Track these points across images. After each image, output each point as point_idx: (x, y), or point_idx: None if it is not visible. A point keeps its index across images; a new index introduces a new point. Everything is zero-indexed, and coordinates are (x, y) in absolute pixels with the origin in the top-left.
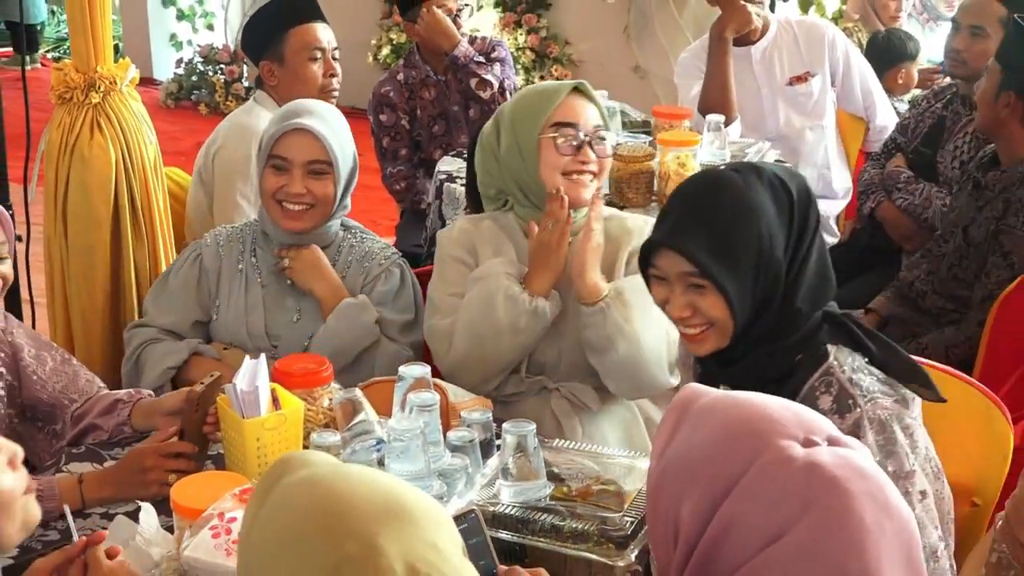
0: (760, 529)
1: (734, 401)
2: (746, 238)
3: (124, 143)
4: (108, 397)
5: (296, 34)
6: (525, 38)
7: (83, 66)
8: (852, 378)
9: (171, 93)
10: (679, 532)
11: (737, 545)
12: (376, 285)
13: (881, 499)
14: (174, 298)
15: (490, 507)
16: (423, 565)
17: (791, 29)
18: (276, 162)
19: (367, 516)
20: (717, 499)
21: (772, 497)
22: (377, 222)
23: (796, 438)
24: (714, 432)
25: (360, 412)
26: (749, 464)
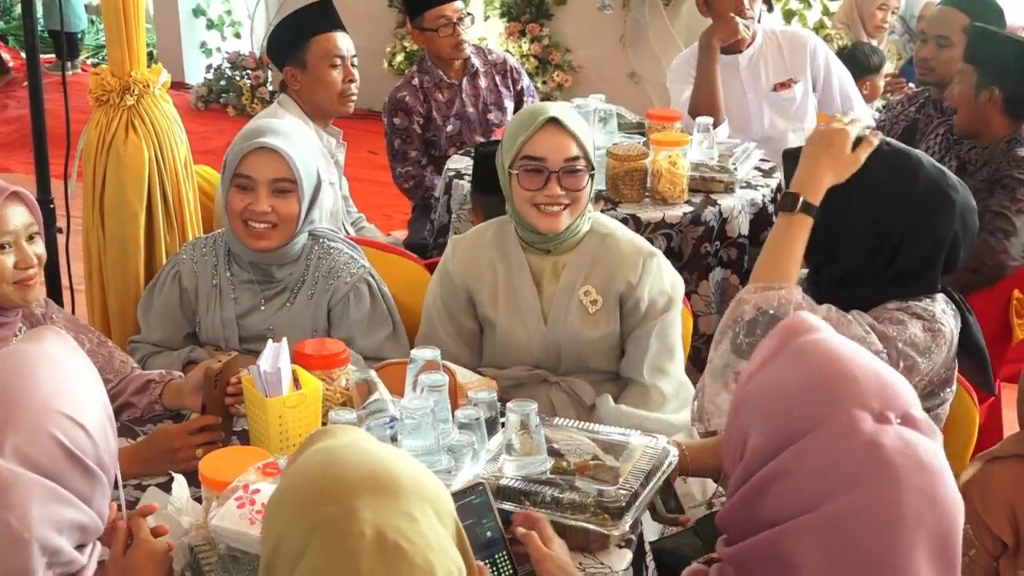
0: (802, 492)
1: (830, 350)
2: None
3: (157, 142)
4: (141, 377)
5: (318, 42)
6: (529, 46)
7: (119, 71)
8: (945, 312)
9: (201, 96)
10: (743, 455)
11: (779, 498)
12: (347, 309)
13: (930, 493)
14: (160, 315)
15: (495, 480)
16: (392, 532)
17: (776, 39)
18: (240, 181)
19: (353, 484)
20: (778, 446)
21: (824, 464)
22: (391, 215)
23: (872, 409)
24: (799, 377)
25: (375, 392)
26: (815, 424)
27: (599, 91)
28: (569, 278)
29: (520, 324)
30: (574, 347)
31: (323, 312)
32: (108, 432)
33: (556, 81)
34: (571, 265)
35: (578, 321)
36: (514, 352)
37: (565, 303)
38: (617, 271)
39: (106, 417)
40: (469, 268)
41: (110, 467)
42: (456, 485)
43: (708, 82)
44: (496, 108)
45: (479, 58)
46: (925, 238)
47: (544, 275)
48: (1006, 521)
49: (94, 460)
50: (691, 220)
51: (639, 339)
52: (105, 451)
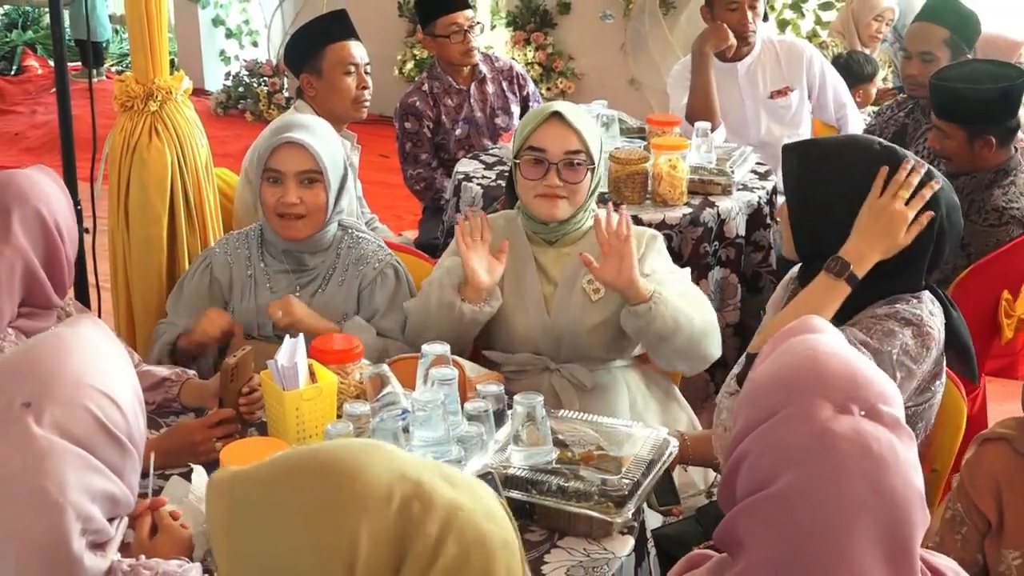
0: (758, 472)
1: (814, 347)
2: (827, 178)
3: (179, 146)
4: (154, 374)
5: (333, 51)
6: (533, 54)
7: (143, 78)
8: (932, 311)
9: (220, 102)
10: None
11: (743, 480)
12: (374, 291)
13: (875, 480)
14: (189, 305)
15: (503, 469)
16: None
17: (773, 48)
18: (271, 175)
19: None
20: (749, 432)
21: (777, 446)
22: (402, 216)
23: (834, 401)
24: (775, 370)
25: (387, 385)
26: (778, 410)
27: (601, 97)
28: (572, 268)
29: (523, 312)
30: (575, 335)
31: (353, 297)
32: (139, 413)
33: (560, 88)
34: (574, 256)
35: (580, 309)
36: (516, 339)
37: (567, 293)
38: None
39: (136, 400)
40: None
41: (140, 446)
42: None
43: (702, 87)
44: (503, 113)
45: (486, 65)
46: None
47: (548, 266)
48: (991, 498)
49: (126, 435)
50: (690, 221)
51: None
52: (136, 429)
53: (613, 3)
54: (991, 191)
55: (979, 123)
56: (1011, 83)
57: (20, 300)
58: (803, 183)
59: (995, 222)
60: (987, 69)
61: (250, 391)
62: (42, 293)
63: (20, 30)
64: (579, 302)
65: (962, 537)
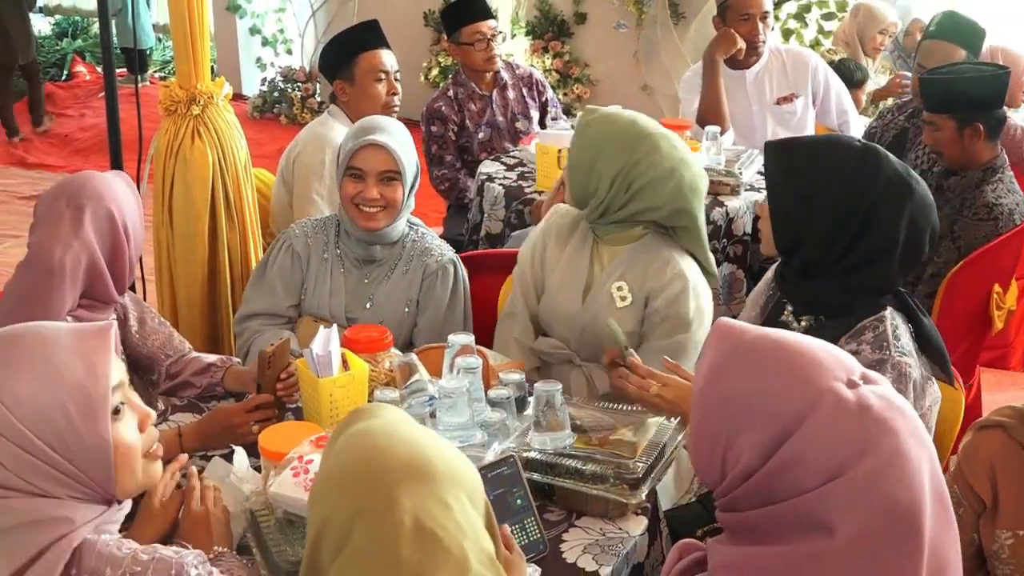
0: (821, 467)
1: (780, 342)
2: (810, 175)
3: (220, 148)
4: (201, 360)
5: (365, 59)
6: (551, 61)
7: (186, 84)
8: (896, 332)
9: (257, 107)
10: (729, 458)
11: (797, 479)
12: (435, 283)
13: (919, 434)
14: (272, 284)
15: (524, 453)
16: (428, 520)
17: (781, 56)
18: (353, 172)
19: (393, 470)
20: (779, 438)
21: (833, 440)
22: (427, 214)
23: (842, 380)
24: (769, 373)
25: (415, 373)
26: (811, 408)
27: (614, 102)
28: (611, 268)
29: (564, 295)
30: (595, 331)
31: (416, 285)
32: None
33: (576, 93)
34: (619, 257)
35: (605, 309)
36: (552, 317)
37: (601, 289)
38: (646, 276)
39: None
40: (556, 230)
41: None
42: (489, 457)
43: (713, 93)
44: (523, 117)
45: (508, 72)
46: (884, 225)
47: (600, 261)
48: (987, 480)
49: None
50: None
51: (651, 351)
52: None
53: (626, 13)
54: (981, 188)
55: (967, 111)
56: (995, 73)
57: (82, 291)
58: (784, 179)
59: (985, 217)
60: (974, 65)
61: (287, 376)
62: (103, 287)
63: (70, 38)
64: (605, 302)
65: (958, 517)
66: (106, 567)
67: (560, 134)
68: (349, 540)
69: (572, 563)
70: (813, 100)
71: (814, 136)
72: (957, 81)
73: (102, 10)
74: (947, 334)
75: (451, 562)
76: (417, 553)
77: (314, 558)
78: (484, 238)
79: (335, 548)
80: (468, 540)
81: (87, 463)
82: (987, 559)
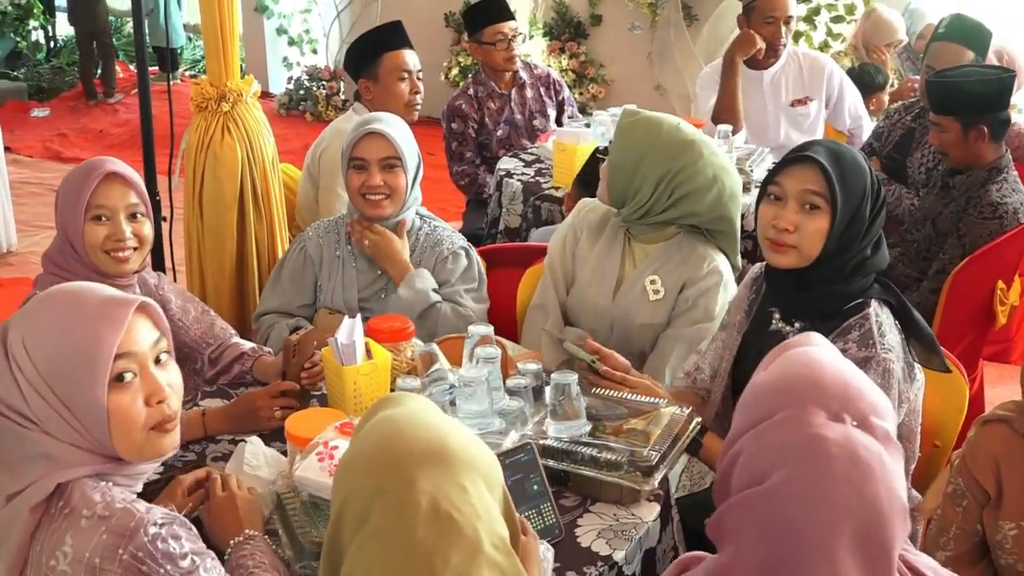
0: (751, 470)
1: (810, 356)
2: (860, 184)
3: (248, 143)
4: (238, 348)
5: (389, 58)
6: (567, 61)
7: (216, 81)
8: (881, 329)
9: (283, 104)
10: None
11: (737, 477)
12: (446, 265)
13: (859, 487)
14: (284, 285)
15: (540, 440)
16: (445, 502)
17: (797, 60)
18: (356, 162)
19: (412, 454)
20: (744, 431)
21: (770, 446)
22: (446, 209)
23: (828, 409)
24: (774, 377)
25: (436, 362)
26: (772, 414)
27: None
28: (645, 264)
29: (595, 288)
30: (625, 325)
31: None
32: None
33: (591, 93)
34: (652, 255)
35: (637, 303)
36: (579, 314)
37: (633, 285)
38: (682, 269)
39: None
40: (587, 225)
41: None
42: (506, 444)
43: (730, 92)
44: (540, 115)
45: (526, 72)
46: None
47: (632, 257)
48: (991, 473)
49: None
50: None
51: (671, 338)
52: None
53: (641, 15)
54: (986, 188)
55: (971, 113)
56: (999, 76)
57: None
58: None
59: (989, 215)
60: (979, 68)
61: (311, 365)
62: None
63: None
64: (638, 297)
65: (963, 509)
66: (83, 507)
67: (576, 132)
68: (368, 519)
69: (587, 547)
70: (826, 103)
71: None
72: (962, 84)
73: (136, 10)
74: (951, 329)
75: (464, 543)
76: (432, 533)
77: (335, 536)
78: (503, 232)
79: (355, 527)
80: (482, 523)
81: (85, 419)
82: (990, 548)
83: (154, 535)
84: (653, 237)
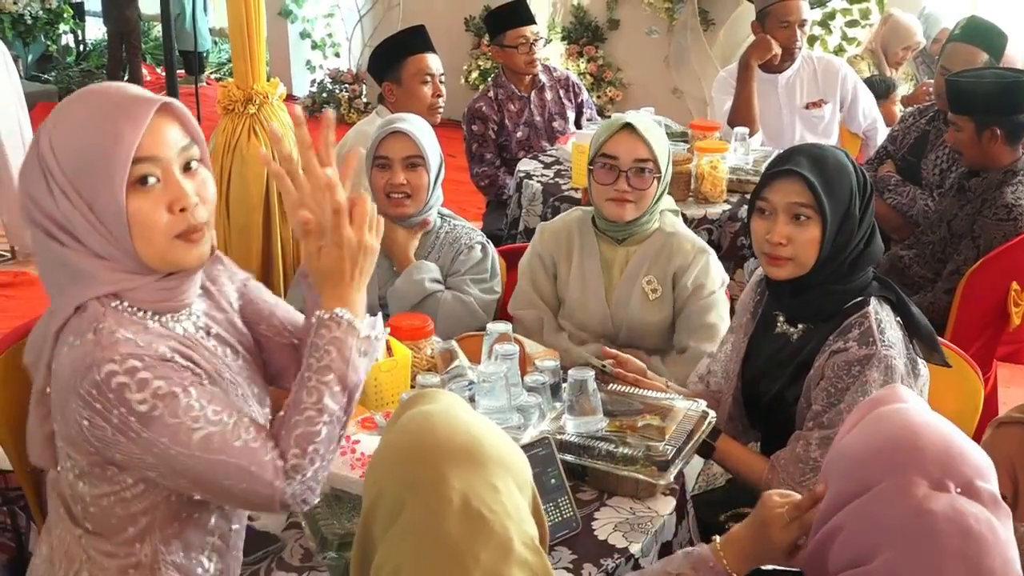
0: (855, 547)
1: (906, 418)
2: (845, 186)
3: None
4: None
5: (412, 62)
6: (585, 65)
7: (243, 84)
8: (881, 325)
9: (306, 107)
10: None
11: (837, 552)
12: (460, 256)
13: (975, 562)
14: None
15: (558, 436)
16: (476, 500)
17: (812, 63)
18: (380, 161)
19: (445, 451)
20: (843, 503)
21: (874, 523)
22: (466, 210)
23: (930, 476)
24: (870, 440)
25: (456, 359)
26: (873, 485)
27: (645, 105)
28: (634, 268)
29: (586, 302)
30: (632, 326)
31: (446, 268)
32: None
33: (608, 96)
34: (637, 257)
35: (639, 306)
36: (578, 325)
37: (628, 289)
38: (673, 261)
39: None
40: (554, 247)
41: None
42: (525, 439)
43: (745, 96)
44: (559, 118)
45: (545, 75)
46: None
47: (614, 264)
48: (1007, 476)
49: None
50: (729, 216)
51: (687, 318)
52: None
53: (658, 20)
54: (1001, 190)
55: (985, 114)
56: (1015, 79)
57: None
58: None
59: (1004, 217)
60: (995, 70)
61: None
62: None
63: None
64: (638, 300)
65: None
66: (74, 328)
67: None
68: (400, 514)
69: (603, 540)
70: (840, 106)
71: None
72: (978, 84)
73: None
74: (966, 329)
75: (495, 541)
76: (463, 530)
77: (367, 528)
78: (523, 232)
79: (387, 520)
80: (513, 522)
81: (107, 220)
82: None
83: (108, 373)
84: (637, 238)
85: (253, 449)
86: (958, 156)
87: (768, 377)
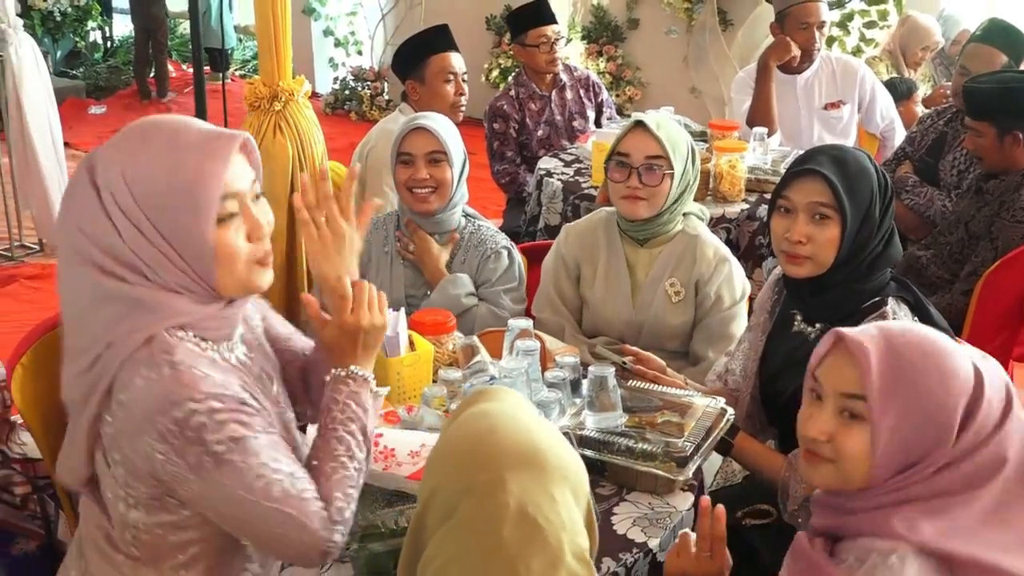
0: (989, 431)
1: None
2: (866, 188)
3: (299, 141)
4: None
5: (436, 60)
6: (605, 64)
7: (269, 81)
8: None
9: (329, 104)
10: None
11: (968, 442)
12: (488, 263)
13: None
14: None
15: (578, 431)
16: (532, 508)
17: (831, 64)
18: (404, 157)
19: (505, 455)
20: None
21: (993, 401)
22: (487, 207)
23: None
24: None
25: (477, 354)
26: (973, 408)
27: (664, 104)
28: (658, 270)
29: (611, 303)
30: (654, 329)
31: (474, 272)
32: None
33: (628, 95)
34: (661, 259)
35: (662, 308)
36: (602, 326)
37: (652, 291)
38: (695, 268)
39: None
40: (579, 250)
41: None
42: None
43: (764, 96)
44: (579, 117)
45: (566, 74)
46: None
47: (638, 265)
48: None
49: None
50: (747, 216)
51: (707, 327)
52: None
53: (677, 20)
54: (1019, 192)
55: (1007, 119)
56: None
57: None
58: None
59: (1022, 219)
60: (1014, 74)
61: None
62: None
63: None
64: (661, 302)
65: None
66: (146, 360)
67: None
68: (455, 512)
69: (623, 534)
70: (859, 107)
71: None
72: (999, 90)
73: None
74: (982, 330)
75: (548, 551)
76: (517, 536)
77: (420, 524)
78: (543, 229)
79: (441, 518)
80: (566, 534)
81: (189, 254)
82: None
83: (189, 411)
84: (659, 240)
85: (306, 500)
86: (977, 159)
87: (785, 376)
